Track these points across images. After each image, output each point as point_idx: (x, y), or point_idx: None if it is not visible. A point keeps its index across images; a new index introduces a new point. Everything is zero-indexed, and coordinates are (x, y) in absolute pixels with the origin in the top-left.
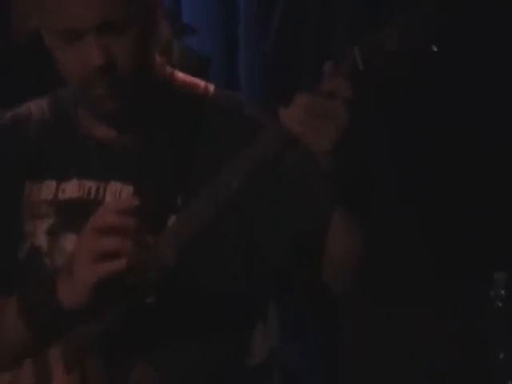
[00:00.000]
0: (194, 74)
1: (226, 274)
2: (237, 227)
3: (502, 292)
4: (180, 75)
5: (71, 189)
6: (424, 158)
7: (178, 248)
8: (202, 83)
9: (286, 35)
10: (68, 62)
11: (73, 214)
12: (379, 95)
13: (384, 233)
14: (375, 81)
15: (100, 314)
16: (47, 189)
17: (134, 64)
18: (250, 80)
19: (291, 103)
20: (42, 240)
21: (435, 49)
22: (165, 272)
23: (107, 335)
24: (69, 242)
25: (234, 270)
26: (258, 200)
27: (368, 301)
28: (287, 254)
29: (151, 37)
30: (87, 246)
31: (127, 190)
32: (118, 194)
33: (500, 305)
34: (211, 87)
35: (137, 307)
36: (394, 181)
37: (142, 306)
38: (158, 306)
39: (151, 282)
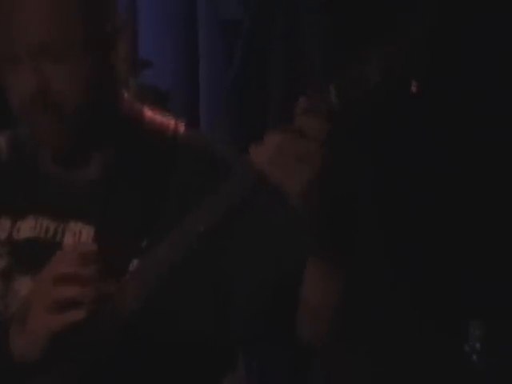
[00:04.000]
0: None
1: (195, 324)
2: (206, 274)
3: (477, 346)
4: (149, 113)
5: (27, 227)
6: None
7: (140, 295)
8: (172, 122)
9: (251, 68)
10: (8, 89)
11: (28, 256)
12: (362, 130)
13: (361, 283)
14: (354, 116)
15: (53, 367)
16: (1, 228)
17: (74, 99)
18: (211, 114)
19: (262, 141)
20: None
21: (415, 88)
22: (126, 320)
23: None
24: (23, 285)
25: (203, 319)
26: (229, 245)
27: (343, 351)
28: (261, 303)
29: (106, 70)
30: (43, 295)
31: (88, 230)
32: (78, 234)
33: (475, 358)
34: (181, 127)
35: (96, 358)
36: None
37: (102, 356)
38: (118, 356)
39: (111, 330)
